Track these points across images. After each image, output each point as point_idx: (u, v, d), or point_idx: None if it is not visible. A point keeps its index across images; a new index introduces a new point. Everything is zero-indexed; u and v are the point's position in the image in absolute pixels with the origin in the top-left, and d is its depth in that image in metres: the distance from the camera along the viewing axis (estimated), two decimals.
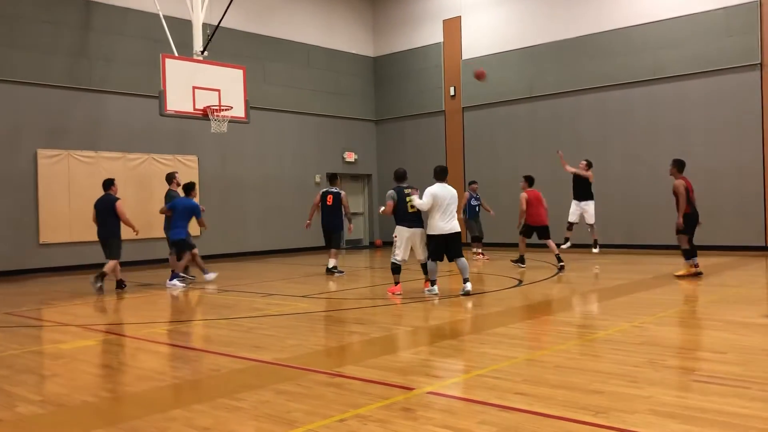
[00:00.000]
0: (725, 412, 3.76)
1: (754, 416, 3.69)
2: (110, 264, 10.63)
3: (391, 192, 9.03)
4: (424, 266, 9.13)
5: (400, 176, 9.22)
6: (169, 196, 11.56)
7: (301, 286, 10.82)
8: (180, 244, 11.16)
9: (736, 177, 14.32)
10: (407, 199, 8.93)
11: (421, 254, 9.04)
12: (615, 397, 4.10)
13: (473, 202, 14.74)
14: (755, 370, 4.69)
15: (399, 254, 8.95)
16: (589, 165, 13.20)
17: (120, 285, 10.77)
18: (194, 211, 11.24)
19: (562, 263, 11.71)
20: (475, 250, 14.63)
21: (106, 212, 10.66)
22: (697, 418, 3.66)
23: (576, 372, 4.74)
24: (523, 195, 12.20)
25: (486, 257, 14.38)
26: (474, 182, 15.25)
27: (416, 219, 8.98)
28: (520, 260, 12.32)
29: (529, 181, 12.51)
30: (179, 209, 11.12)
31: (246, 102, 13.30)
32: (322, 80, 19.20)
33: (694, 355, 5.27)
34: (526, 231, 12.23)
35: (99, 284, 10.39)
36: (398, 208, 8.95)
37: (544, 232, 12.10)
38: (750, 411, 3.77)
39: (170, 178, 11.82)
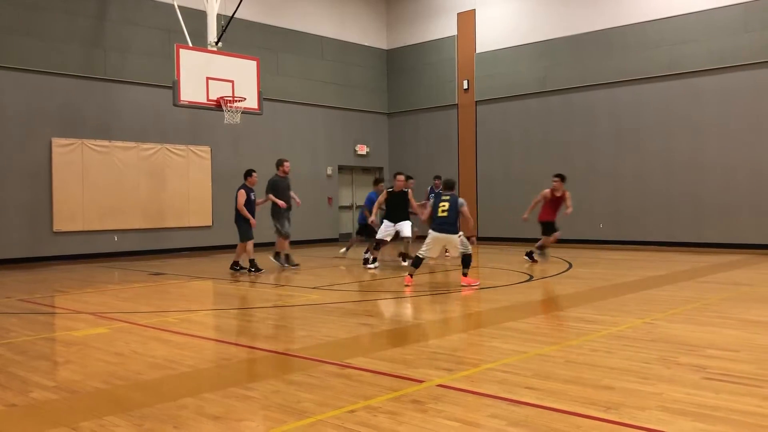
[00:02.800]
0: (737, 410, 3.73)
1: (766, 415, 3.67)
2: (238, 248, 11.57)
3: (432, 196, 9.79)
4: (464, 259, 9.20)
5: (449, 186, 9.60)
6: (273, 183, 12.01)
7: (311, 277, 10.85)
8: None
9: (750, 174, 14.18)
10: (440, 204, 9.25)
11: (455, 252, 9.32)
12: (626, 393, 4.09)
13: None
14: None
15: (425, 250, 9.22)
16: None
17: (253, 266, 11.32)
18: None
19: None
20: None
21: (234, 199, 11.56)
22: (709, 416, 3.64)
23: (586, 367, 4.72)
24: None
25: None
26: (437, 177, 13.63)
27: (445, 222, 9.12)
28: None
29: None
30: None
31: (259, 93, 13.33)
32: (335, 72, 19.18)
33: (705, 353, 5.23)
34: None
35: (236, 268, 11.51)
36: (432, 211, 9.41)
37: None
38: (763, 410, 3.75)
39: (279, 163, 12.23)
